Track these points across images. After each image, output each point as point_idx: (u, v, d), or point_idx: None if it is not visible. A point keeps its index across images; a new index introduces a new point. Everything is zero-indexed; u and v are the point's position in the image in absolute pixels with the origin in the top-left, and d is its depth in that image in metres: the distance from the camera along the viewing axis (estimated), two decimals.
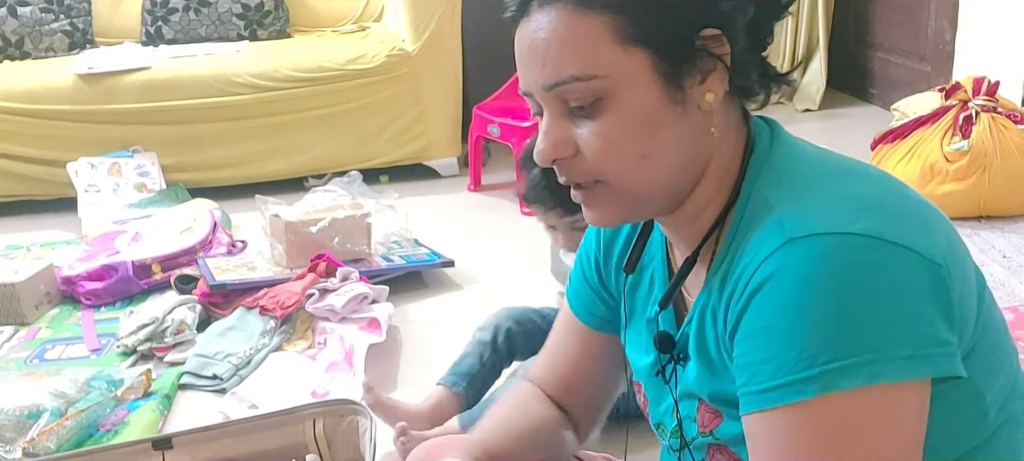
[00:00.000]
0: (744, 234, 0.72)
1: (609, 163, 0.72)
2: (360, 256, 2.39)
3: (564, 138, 0.73)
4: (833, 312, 0.62)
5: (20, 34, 3.40)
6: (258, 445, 1.24)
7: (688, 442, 0.81)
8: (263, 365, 1.99)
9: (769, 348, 0.65)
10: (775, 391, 0.64)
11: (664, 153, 0.72)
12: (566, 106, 0.72)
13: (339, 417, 1.27)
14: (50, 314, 2.32)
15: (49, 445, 1.63)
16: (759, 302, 0.66)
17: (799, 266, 0.64)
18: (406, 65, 3.18)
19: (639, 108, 0.70)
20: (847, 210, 0.66)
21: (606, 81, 0.70)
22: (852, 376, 0.62)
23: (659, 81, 0.70)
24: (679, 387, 0.80)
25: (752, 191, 0.73)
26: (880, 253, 0.63)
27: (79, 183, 2.98)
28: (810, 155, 0.76)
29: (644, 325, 0.86)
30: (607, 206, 0.75)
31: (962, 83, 2.65)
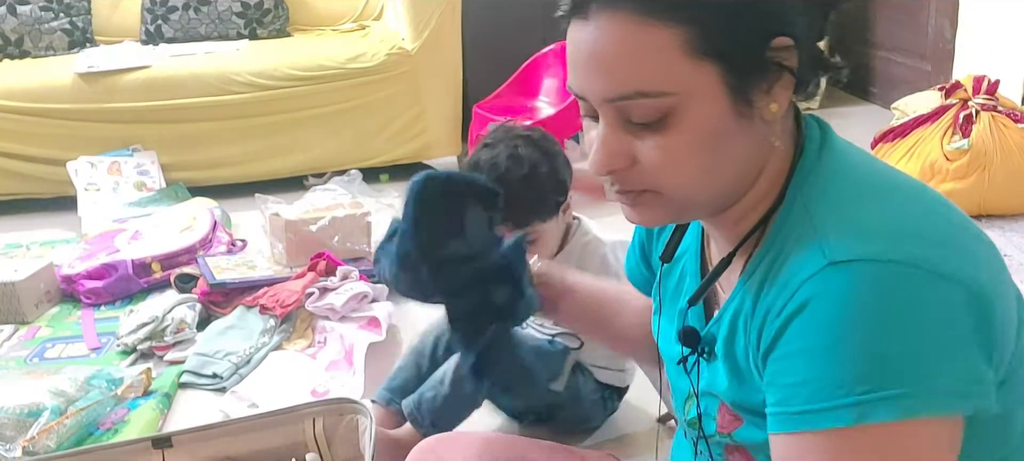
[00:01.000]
0: (784, 245, 0.70)
1: (669, 177, 0.69)
2: (360, 255, 2.39)
3: (621, 150, 0.69)
4: (873, 341, 0.61)
5: (20, 32, 3.40)
6: (258, 444, 1.23)
7: (706, 437, 0.81)
8: (263, 364, 1.99)
9: (807, 371, 0.63)
10: (810, 416, 0.63)
11: (725, 166, 0.70)
12: (626, 118, 0.68)
13: (339, 416, 1.27)
14: (50, 313, 2.32)
15: (49, 443, 1.63)
16: (798, 324, 0.64)
17: (840, 291, 0.62)
18: (406, 64, 3.17)
19: (705, 123, 0.67)
20: (891, 234, 0.64)
21: (675, 97, 0.65)
22: (889, 408, 0.60)
23: (727, 95, 0.66)
24: (701, 382, 0.80)
25: (796, 201, 0.71)
26: (923, 283, 0.62)
27: (79, 182, 2.98)
28: (858, 166, 0.73)
29: (675, 313, 0.86)
30: (654, 211, 0.72)
31: (962, 82, 2.65)
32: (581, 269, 1.55)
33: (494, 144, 1.56)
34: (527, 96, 3.23)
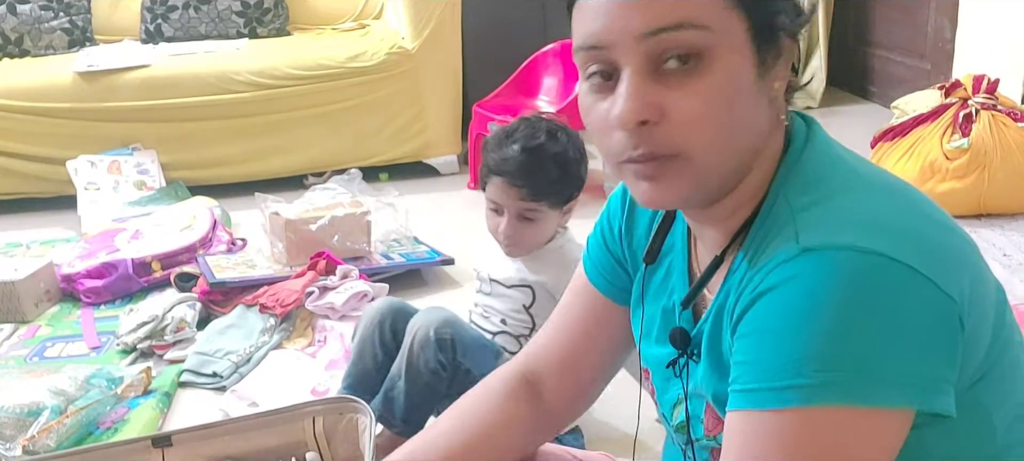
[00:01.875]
0: (765, 239, 0.70)
1: (701, 131, 0.66)
2: (360, 254, 2.39)
3: (653, 101, 0.66)
4: (829, 326, 0.61)
5: (19, 32, 3.40)
6: (258, 443, 1.23)
7: (694, 441, 0.80)
8: (263, 363, 1.99)
9: (759, 350, 0.64)
10: (756, 393, 0.64)
11: (745, 131, 0.69)
12: (656, 64, 0.66)
13: (339, 415, 1.27)
14: (50, 312, 2.32)
15: (49, 443, 1.63)
16: (763, 304, 0.65)
17: (807, 276, 0.63)
18: (406, 63, 3.18)
19: (735, 75, 0.66)
20: (868, 228, 0.64)
21: (712, 35, 0.65)
22: (834, 393, 0.61)
23: (752, 51, 0.67)
24: (690, 384, 0.79)
25: (779, 195, 0.71)
26: (892, 276, 0.62)
27: (79, 181, 2.98)
28: (842, 163, 0.73)
29: (659, 314, 0.85)
30: (676, 181, 0.68)
31: (962, 81, 2.65)
32: (555, 272, 1.57)
33: (534, 121, 1.57)
34: (527, 95, 3.23)
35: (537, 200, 1.54)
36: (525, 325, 1.61)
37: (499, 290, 1.64)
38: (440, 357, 1.46)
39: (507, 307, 1.63)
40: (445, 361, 1.47)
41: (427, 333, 1.47)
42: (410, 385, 1.48)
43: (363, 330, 1.61)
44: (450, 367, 1.48)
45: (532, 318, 1.61)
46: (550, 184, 1.53)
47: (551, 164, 1.52)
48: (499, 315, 1.63)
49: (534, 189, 1.53)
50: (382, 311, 1.60)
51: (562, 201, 1.57)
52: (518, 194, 1.54)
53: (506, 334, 1.62)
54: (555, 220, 1.59)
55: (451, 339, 1.48)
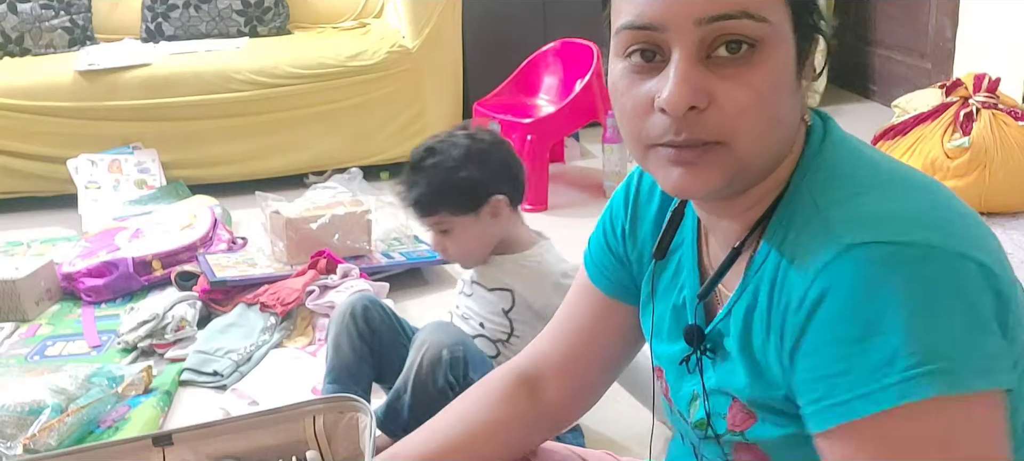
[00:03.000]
0: (789, 236, 0.69)
1: (748, 121, 0.66)
2: (360, 253, 2.39)
3: (703, 87, 0.65)
4: (902, 319, 0.60)
5: (20, 31, 3.40)
6: (258, 441, 1.23)
7: (716, 436, 0.79)
8: (263, 362, 1.99)
9: (841, 360, 0.62)
10: (848, 404, 0.62)
11: (786, 123, 0.69)
12: (707, 51, 0.65)
13: (339, 414, 1.27)
14: (51, 311, 2.32)
15: (50, 442, 1.63)
16: (823, 315, 0.64)
17: (858, 274, 0.62)
18: (406, 62, 3.17)
19: (783, 69, 0.66)
20: (902, 220, 0.64)
21: (769, 27, 0.65)
22: (933, 383, 0.60)
23: (794, 47, 0.68)
24: (712, 380, 0.78)
25: (800, 189, 0.71)
26: (941, 261, 0.62)
27: (79, 180, 2.98)
28: (863, 158, 0.73)
29: (669, 312, 0.84)
30: (715, 170, 0.67)
31: (963, 80, 2.65)
32: (530, 283, 1.58)
33: (443, 134, 1.63)
34: (527, 94, 3.23)
35: (432, 214, 1.59)
36: (503, 329, 1.61)
37: (479, 292, 1.64)
38: (450, 377, 1.45)
39: (486, 310, 1.63)
40: (455, 380, 1.46)
41: (439, 352, 1.45)
42: (416, 400, 1.46)
43: (336, 326, 1.60)
44: (460, 385, 1.47)
45: (510, 323, 1.60)
46: (433, 194, 1.57)
47: (426, 178, 1.57)
48: (478, 318, 1.63)
49: (421, 207, 1.59)
50: (351, 304, 1.60)
51: (465, 205, 1.57)
52: (417, 216, 1.62)
53: (484, 338, 1.61)
54: (477, 226, 1.59)
55: (463, 358, 1.47)
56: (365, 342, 1.57)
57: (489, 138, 1.63)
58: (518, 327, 1.60)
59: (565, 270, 1.59)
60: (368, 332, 1.58)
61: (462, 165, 1.56)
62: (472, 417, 0.98)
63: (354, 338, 1.57)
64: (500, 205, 1.58)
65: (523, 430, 0.97)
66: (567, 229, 2.61)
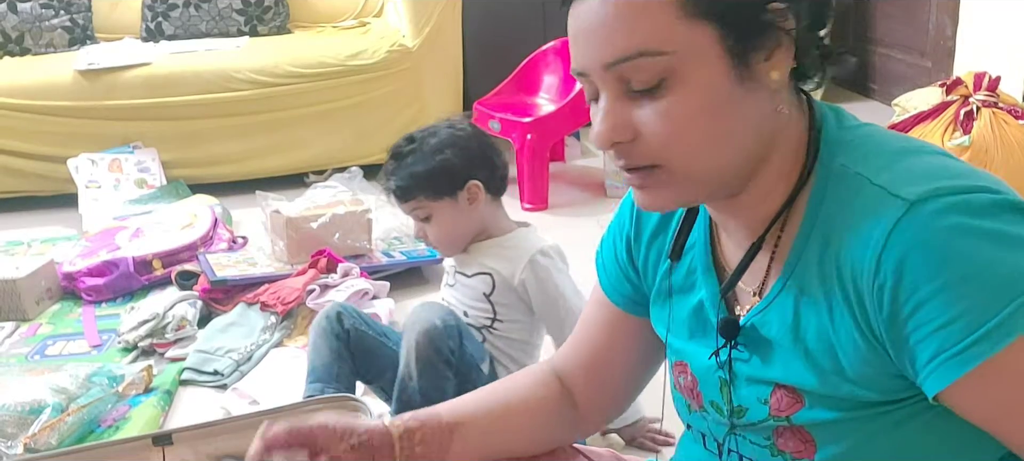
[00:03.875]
0: (830, 213, 0.70)
1: (673, 147, 0.68)
2: (361, 252, 2.39)
3: (624, 122, 0.69)
4: (991, 256, 0.61)
5: (20, 30, 3.40)
6: None
7: (749, 425, 0.79)
8: (264, 361, 2.00)
9: (950, 308, 0.62)
10: (977, 345, 0.62)
11: (730, 135, 0.69)
12: (627, 87, 0.68)
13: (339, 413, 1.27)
14: (51, 310, 2.32)
15: (50, 441, 1.63)
16: (913, 272, 0.63)
17: (936, 223, 0.63)
18: (406, 61, 3.17)
19: (706, 87, 0.67)
20: (948, 175, 0.66)
21: (673, 58, 0.66)
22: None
23: (726, 57, 0.67)
24: (746, 371, 0.78)
25: (833, 168, 0.71)
26: (1000, 200, 0.64)
27: (80, 179, 2.98)
28: (881, 132, 0.74)
29: (688, 313, 0.84)
30: (663, 190, 0.71)
31: (963, 78, 2.65)
32: (509, 264, 1.60)
33: (430, 126, 1.69)
34: (527, 93, 3.23)
35: (410, 198, 1.64)
36: (486, 315, 1.63)
37: (462, 280, 1.67)
38: (449, 344, 1.49)
39: (469, 297, 1.65)
40: (454, 347, 1.49)
41: (432, 324, 1.48)
42: (423, 380, 1.48)
43: (313, 331, 1.64)
44: (458, 353, 1.50)
45: (492, 306, 1.63)
46: (412, 179, 1.62)
47: (406, 165, 1.63)
48: (462, 307, 1.65)
49: (401, 192, 1.64)
50: (326, 313, 1.65)
51: (443, 189, 1.61)
52: (399, 203, 1.67)
53: (470, 325, 1.63)
54: (457, 210, 1.62)
55: (456, 326, 1.51)
56: (341, 341, 1.61)
57: (469, 128, 1.69)
58: (500, 310, 1.62)
59: (542, 248, 1.62)
60: (342, 332, 1.61)
61: (440, 150, 1.61)
62: (510, 393, 0.98)
63: (330, 338, 1.61)
64: (477, 190, 1.62)
65: (556, 418, 0.97)
66: (568, 228, 2.61)
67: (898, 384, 0.68)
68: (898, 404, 0.70)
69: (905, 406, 0.70)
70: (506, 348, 1.63)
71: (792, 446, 0.77)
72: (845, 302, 0.68)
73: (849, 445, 0.73)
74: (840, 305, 0.69)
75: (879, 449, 0.71)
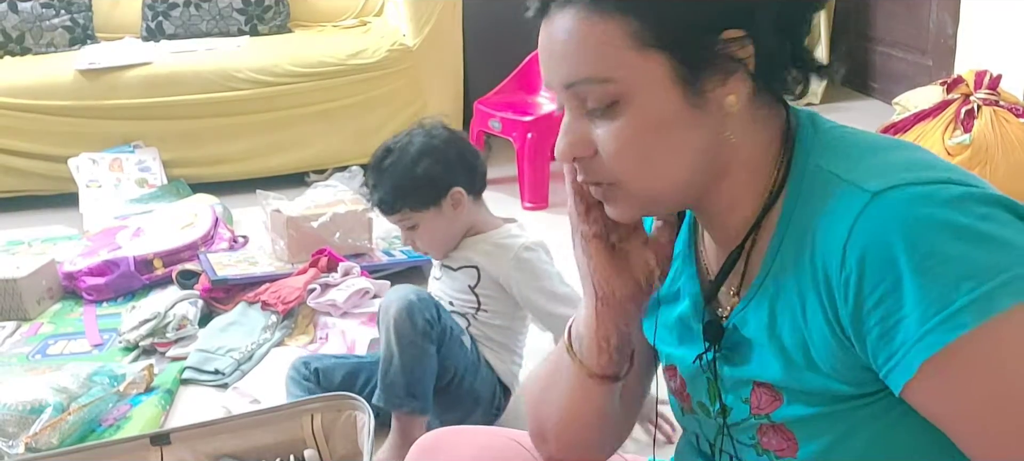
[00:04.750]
0: (807, 211, 0.71)
1: (621, 166, 0.72)
2: (361, 251, 2.39)
3: (582, 138, 0.73)
4: (954, 242, 0.61)
5: (21, 30, 3.40)
6: (256, 440, 1.24)
7: (734, 424, 0.80)
8: (265, 360, 2.00)
9: (904, 303, 0.62)
10: (933, 333, 0.61)
11: (679, 156, 0.72)
12: (584, 106, 0.72)
13: (337, 412, 1.28)
14: (52, 309, 2.32)
15: (52, 440, 1.64)
16: (875, 265, 0.64)
17: (897, 213, 0.63)
18: (407, 60, 3.17)
19: (654, 112, 0.70)
20: (915, 168, 0.67)
21: (620, 85, 0.69)
22: (1006, 293, 0.60)
23: (677, 85, 0.69)
24: (728, 372, 0.79)
25: (807, 168, 0.72)
26: (964, 192, 0.64)
27: (80, 179, 2.98)
28: (858, 132, 0.76)
29: (674, 317, 0.85)
30: (623, 204, 0.75)
31: (964, 77, 2.65)
32: (492, 260, 1.64)
33: (403, 133, 1.70)
34: (528, 92, 3.23)
35: (395, 212, 1.67)
36: (470, 305, 1.68)
37: (448, 273, 1.71)
38: (426, 314, 1.53)
39: (454, 288, 1.69)
40: (431, 318, 1.53)
41: (406, 299, 1.53)
42: (405, 356, 1.52)
43: (288, 387, 1.70)
44: (437, 324, 1.55)
45: (477, 297, 1.67)
46: (395, 192, 1.64)
47: (386, 178, 1.65)
48: (448, 298, 1.70)
49: (385, 206, 1.67)
50: (292, 364, 1.71)
51: (426, 200, 1.64)
52: (385, 215, 1.70)
53: (455, 313, 1.68)
54: (442, 217, 1.65)
55: (429, 298, 1.57)
56: (311, 382, 1.69)
57: (444, 134, 1.70)
58: (484, 301, 1.67)
59: (525, 243, 1.65)
60: (310, 373, 1.70)
61: (418, 162, 1.63)
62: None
63: (300, 382, 1.69)
64: (460, 196, 1.65)
65: (617, 419, 0.94)
66: (568, 227, 2.61)
67: (870, 376, 0.68)
68: (875, 396, 0.70)
69: (882, 398, 0.70)
70: (489, 332, 1.68)
71: (775, 444, 0.78)
72: (817, 297, 0.69)
73: (830, 440, 0.73)
74: (812, 300, 0.70)
75: (861, 442, 0.72)
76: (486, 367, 1.66)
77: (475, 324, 1.67)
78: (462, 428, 1.13)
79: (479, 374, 1.64)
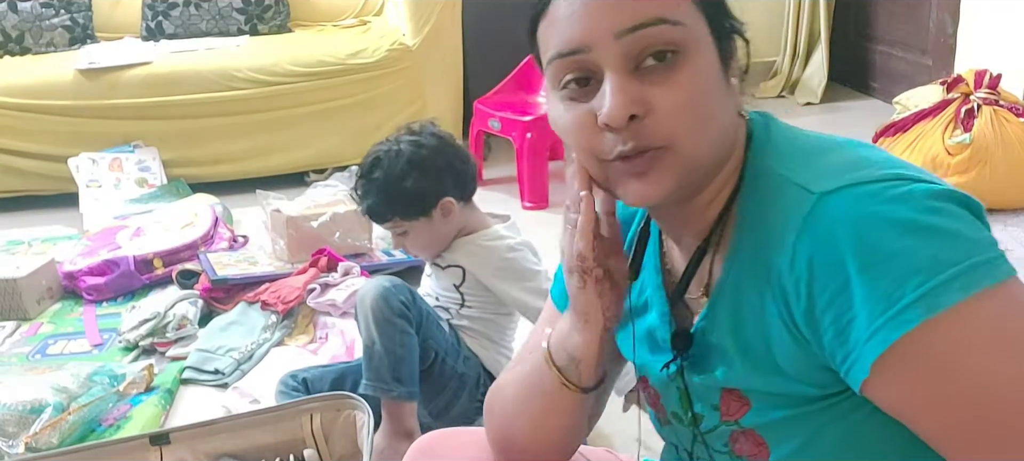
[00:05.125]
0: (759, 212, 0.71)
1: (682, 121, 0.68)
2: (361, 250, 2.39)
3: (639, 96, 0.67)
4: (896, 243, 0.61)
5: (20, 29, 3.40)
6: (256, 440, 1.24)
7: (707, 432, 0.80)
8: (265, 360, 2.00)
9: (856, 301, 0.62)
10: (880, 331, 0.61)
11: (722, 120, 0.71)
12: (635, 63, 0.68)
13: (337, 412, 1.28)
14: (52, 309, 2.32)
15: (52, 440, 1.64)
16: (823, 266, 0.64)
17: (843, 215, 0.64)
18: (407, 59, 3.17)
19: (708, 68, 0.69)
20: (864, 166, 0.67)
21: (687, 31, 0.68)
22: (950, 291, 0.60)
23: (715, 48, 0.70)
24: (700, 379, 0.79)
25: (759, 171, 0.73)
26: (913, 187, 0.64)
27: (80, 178, 2.98)
28: (808, 133, 0.76)
29: (643, 327, 0.85)
30: (666, 175, 0.69)
31: (964, 76, 2.65)
32: (476, 261, 1.65)
33: (392, 139, 1.69)
34: (528, 92, 3.22)
35: (385, 220, 1.68)
36: (455, 301, 1.71)
37: (437, 272, 1.74)
38: (400, 297, 1.55)
39: (440, 286, 1.73)
40: (406, 301, 1.55)
41: (381, 285, 1.56)
42: (385, 338, 1.54)
43: (278, 401, 1.68)
44: (413, 307, 1.56)
45: (462, 296, 1.70)
46: (385, 205, 1.65)
47: (375, 189, 1.65)
48: (434, 294, 1.73)
49: (375, 215, 1.68)
50: (280, 380, 1.71)
51: (416, 212, 1.65)
52: (375, 222, 1.73)
53: (440, 308, 1.71)
54: (432, 225, 1.66)
55: (405, 285, 1.58)
56: (299, 392, 1.68)
57: (433, 143, 1.68)
58: (468, 298, 1.70)
59: (510, 243, 1.68)
60: (299, 384, 1.70)
61: (407, 175, 1.63)
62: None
63: (290, 394, 1.67)
64: (450, 205, 1.66)
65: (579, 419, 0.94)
66: None
67: (832, 377, 0.68)
68: (840, 396, 0.70)
69: (847, 397, 0.70)
70: (471, 324, 1.70)
71: (748, 450, 0.78)
72: (773, 300, 0.69)
73: (800, 442, 0.73)
74: (769, 303, 0.70)
75: (830, 443, 0.72)
76: (467, 350, 1.69)
77: (456, 317, 1.70)
78: (461, 429, 1.13)
79: (461, 355, 1.67)
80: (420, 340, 1.58)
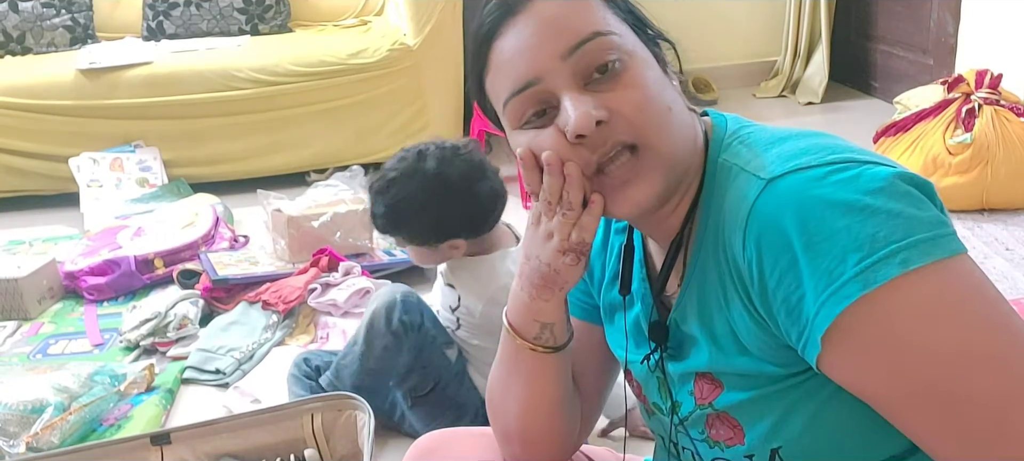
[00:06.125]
0: (715, 201, 0.74)
1: (647, 115, 0.72)
2: (362, 250, 2.39)
3: (598, 103, 0.72)
4: (838, 222, 0.63)
5: (21, 29, 3.40)
6: (256, 440, 1.24)
7: (685, 419, 0.83)
8: (266, 359, 2.00)
9: (804, 279, 0.65)
10: (824, 307, 0.64)
11: (678, 110, 0.75)
12: (584, 80, 0.72)
13: (337, 412, 1.28)
14: (53, 309, 2.33)
15: (53, 440, 1.64)
16: (771, 248, 0.67)
17: (789, 198, 0.66)
18: (407, 59, 3.17)
19: (649, 69, 0.74)
20: (814, 152, 0.69)
21: (621, 39, 0.73)
22: (887, 266, 0.62)
23: (650, 54, 0.76)
24: (676, 368, 0.82)
25: (718, 165, 0.76)
26: (859, 169, 0.66)
27: (81, 178, 2.98)
28: (765, 127, 0.79)
29: (631, 320, 0.89)
30: (650, 174, 0.73)
31: (965, 76, 2.65)
32: (470, 287, 1.60)
33: (417, 153, 1.57)
34: None
35: (392, 236, 1.64)
36: (451, 323, 1.66)
37: (442, 283, 1.71)
38: (402, 316, 1.52)
39: (440, 302, 1.70)
40: (407, 320, 1.52)
41: (393, 297, 1.54)
42: (364, 343, 1.54)
43: (289, 385, 1.71)
44: (413, 327, 1.53)
45: (457, 319, 1.65)
46: (395, 227, 1.60)
47: (387, 209, 1.58)
48: (437, 305, 1.70)
49: (380, 228, 1.64)
50: (294, 361, 1.71)
51: (424, 241, 1.58)
52: (381, 232, 1.69)
53: (443, 319, 1.68)
54: (437, 253, 1.61)
55: (417, 303, 1.55)
56: (312, 380, 1.69)
57: (460, 171, 1.54)
58: (463, 322, 1.64)
59: (505, 284, 1.54)
60: (311, 371, 1.70)
61: (424, 208, 1.52)
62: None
63: (302, 381, 1.70)
64: (458, 244, 1.59)
65: (576, 414, 0.98)
66: None
67: (794, 355, 0.70)
68: (805, 375, 0.72)
69: (812, 375, 0.71)
70: (468, 349, 1.66)
71: (723, 434, 0.80)
72: (732, 284, 0.72)
73: (772, 422, 0.75)
74: (730, 287, 0.73)
75: (801, 420, 0.74)
76: (470, 382, 1.64)
77: (456, 337, 1.66)
78: (461, 429, 1.13)
79: (463, 384, 1.63)
80: (419, 366, 1.54)
